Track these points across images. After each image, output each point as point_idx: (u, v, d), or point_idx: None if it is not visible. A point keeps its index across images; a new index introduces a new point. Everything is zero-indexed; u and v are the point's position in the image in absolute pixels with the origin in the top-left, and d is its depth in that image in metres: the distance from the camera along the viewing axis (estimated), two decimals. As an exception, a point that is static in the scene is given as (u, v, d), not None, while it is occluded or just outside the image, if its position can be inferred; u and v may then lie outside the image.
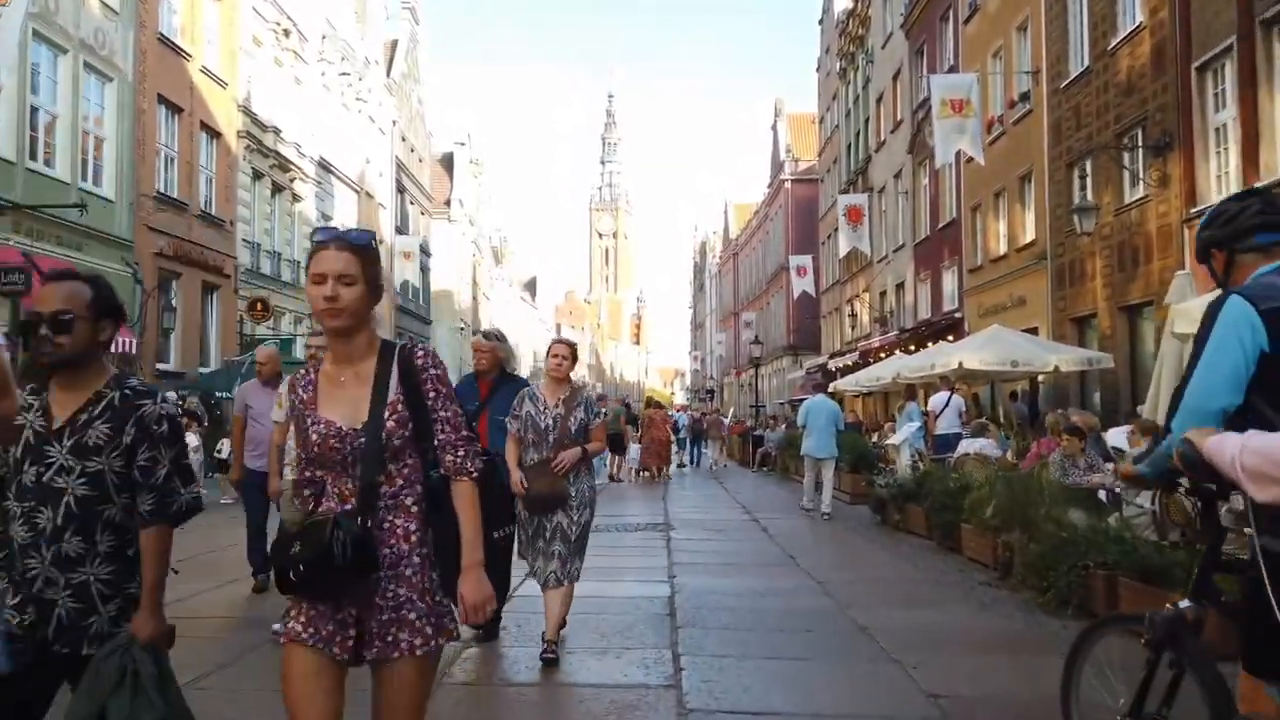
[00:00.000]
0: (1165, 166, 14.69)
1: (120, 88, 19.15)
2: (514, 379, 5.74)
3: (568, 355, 5.21)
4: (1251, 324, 2.33)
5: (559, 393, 5.17)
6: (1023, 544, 7.06)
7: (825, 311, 42.34)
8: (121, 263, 19.06)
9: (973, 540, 8.43)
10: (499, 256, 72.31)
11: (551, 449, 5.02)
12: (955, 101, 19.08)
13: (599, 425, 5.29)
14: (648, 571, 8.17)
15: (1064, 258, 18.33)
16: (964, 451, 10.48)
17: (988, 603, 6.77)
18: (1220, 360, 2.35)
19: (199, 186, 22.37)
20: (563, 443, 5.04)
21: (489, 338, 5.81)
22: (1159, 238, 14.95)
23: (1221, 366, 2.34)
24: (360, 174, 33.66)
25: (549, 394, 5.18)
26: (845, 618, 6.21)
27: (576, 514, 5.10)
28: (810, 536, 11.10)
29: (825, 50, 43.18)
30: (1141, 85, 15.45)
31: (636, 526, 11.70)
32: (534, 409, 5.11)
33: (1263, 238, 2.53)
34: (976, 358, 14.50)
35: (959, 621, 6.22)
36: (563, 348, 5.26)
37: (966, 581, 7.65)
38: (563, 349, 5.25)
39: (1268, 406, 2.33)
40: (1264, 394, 2.33)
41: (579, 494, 5.14)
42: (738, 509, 14.51)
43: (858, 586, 7.45)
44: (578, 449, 5.05)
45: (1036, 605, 6.42)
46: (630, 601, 6.69)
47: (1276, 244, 2.53)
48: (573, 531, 5.08)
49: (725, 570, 8.35)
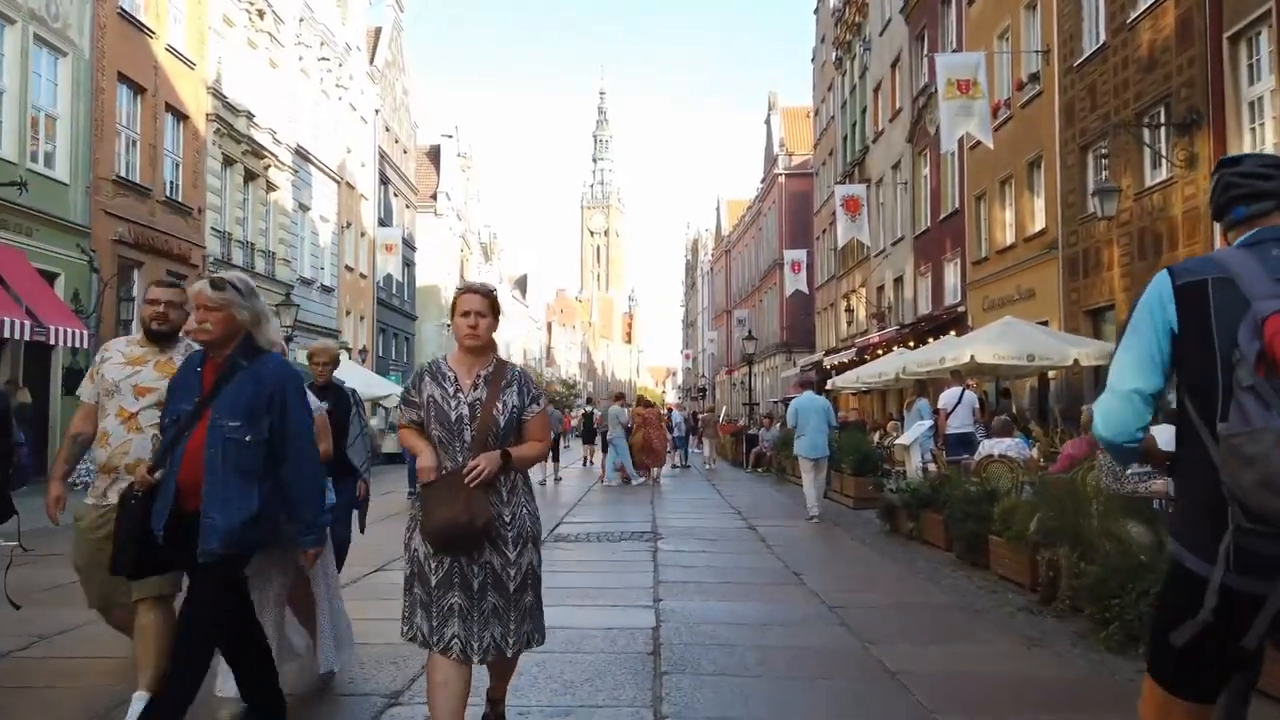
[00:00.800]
0: (1192, 145, 13.67)
1: (76, 64, 17.97)
2: (264, 359, 3.57)
3: (484, 310, 3.44)
4: (1161, 301, 2.17)
5: (477, 367, 3.45)
6: (1071, 563, 5.97)
7: (820, 308, 41.46)
8: (76, 249, 17.93)
9: (1005, 555, 7.33)
10: (488, 253, 71.13)
11: (468, 452, 3.33)
12: (962, 82, 18.06)
13: (537, 418, 3.50)
14: (629, 594, 7.01)
15: (1077, 247, 17.29)
16: (987, 453, 9.38)
17: (1035, 636, 5.65)
18: (1130, 341, 2.23)
19: (164, 171, 21.18)
20: (484, 442, 3.34)
21: (218, 287, 3.52)
22: (1185, 222, 13.91)
23: (1130, 347, 2.22)
24: (341, 163, 32.49)
25: (462, 369, 3.46)
26: (869, 659, 5.08)
27: (513, 550, 3.37)
28: (814, 548, 9.99)
29: (820, 40, 42.30)
30: (1165, 60, 14.41)
31: (620, 535, 10.56)
32: (440, 392, 3.41)
33: (1239, 211, 2.27)
34: (990, 351, 13.45)
35: (1007, 663, 5.10)
36: (475, 299, 3.46)
37: (1002, 606, 6.55)
38: (475, 300, 3.45)
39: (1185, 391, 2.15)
40: (1181, 376, 2.17)
41: (516, 520, 3.40)
42: (732, 514, 13.40)
43: (877, 614, 6.33)
44: (496, 454, 3.32)
45: (1097, 640, 5.32)
46: (606, 636, 5.54)
47: (1254, 216, 2.25)
48: (511, 578, 3.36)
49: (721, 592, 7.20)
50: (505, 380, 3.45)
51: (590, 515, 13.24)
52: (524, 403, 3.46)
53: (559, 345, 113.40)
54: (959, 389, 12.57)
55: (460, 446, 3.35)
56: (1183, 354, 2.14)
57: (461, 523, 3.22)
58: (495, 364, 3.49)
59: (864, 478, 13.38)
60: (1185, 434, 2.16)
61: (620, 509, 14.32)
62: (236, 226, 24.65)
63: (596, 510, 14.16)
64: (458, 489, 3.25)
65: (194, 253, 22.00)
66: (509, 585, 3.35)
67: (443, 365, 3.52)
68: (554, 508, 14.33)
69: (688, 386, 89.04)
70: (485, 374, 3.45)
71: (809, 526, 11.74)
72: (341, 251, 32.70)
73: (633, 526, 11.48)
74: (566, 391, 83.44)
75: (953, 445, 12.17)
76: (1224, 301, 2.05)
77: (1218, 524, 1.99)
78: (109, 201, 18.90)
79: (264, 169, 25.99)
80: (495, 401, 3.39)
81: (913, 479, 10.73)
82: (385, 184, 39.26)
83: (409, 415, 3.50)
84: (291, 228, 28.20)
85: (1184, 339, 2.13)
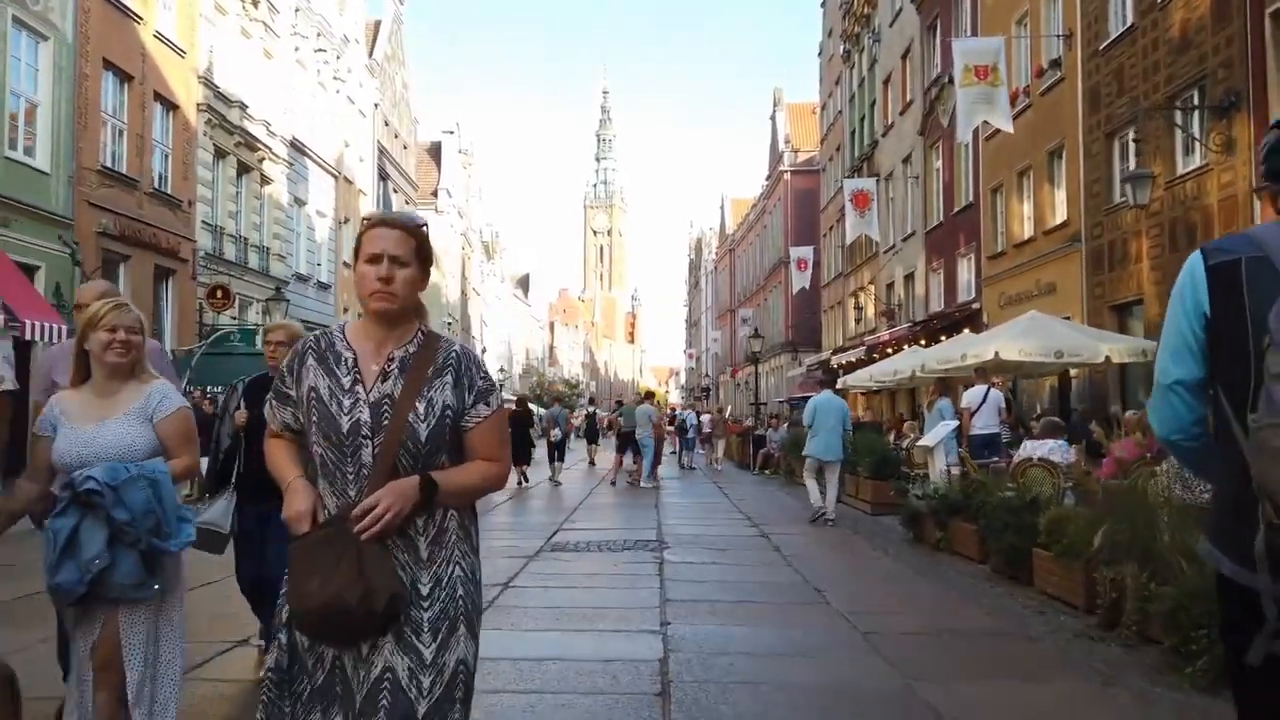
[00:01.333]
0: (1230, 129, 12.90)
1: (58, 48, 17.24)
2: None
3: (404, 253, 2.22)
4: (1193, 283, 1.98)
5: (390, 346, 2.24)
6: (1140, 584, 5.20)
7: (827, 306, 40.77)
8: (58, 241, 17.21)
9: (1053, 572, 6.55)
10: (490, 251, 70.47)
11: (366, 482, 2.12)
12: (980, 68, 17.32)
13: (488, 424, 2.24)
14: (633, 616, 6.23)
15: (1102, 239, 16.52)
16: (1027, 455, 8.60)
17: (1105, 671, 4.87)
18: (1166, 329, 2.04)
19: (152, 162, 20.46)
20: (393, 466, 2.13)
21: None
22: (1222, 211, 13.14)
23: (1168, 335, 2.04)
24: (338, 157, 31.79)
25: (366, 348, 2.25)
26: (918, 704, 4.29)
27: (431, 643, 2.10)
28: (834, 559, 9.22)
29: (828, 34, 41.62)
30: (1200, 40, 13.64)
31: (622, 545, 9.78)
32: (329, 383, 2.20)
33: None
34: (1014, 347, 12.66)
35: (1084, 708, 4.31)
36: (389, 235, 2.21)
37: (1056, 632, 5.77)
38: (390, 238, 2.21)
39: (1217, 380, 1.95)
40: (1213, 364, 1.96)
41: (440, 591, 2.15)
42: (742, 520, 12.65)
43: (916, 642, 5.56)
44: (410, 482, 2.10)
45: (1180, 678, 4.55)
46: (606, 671, 4.77)
47: None
48: (424, 691, 2.07)
49: (736, 613, 6.41)
50: (435, 366, 2.19)
51: (591, 521, 12.50)
52: (464, 401, 2.20)
53: (561, 345, 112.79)
54: (984, 387, 11.82)
55: (355, 473, 2.11)
56: (1215, 339, 1.97)
57: (348, 603, 2.01)
58: (421, 341, 2.23)
59: (883, 482, 12.60)
60: (1217, 427, 2.00)
61: (623, 514, 13.58)
62: (229, 220, 23.95)
63: (598, 515, 13.42)
64: (344, 546, 2.05)
65: (184, 246, 21.30)
66: (418, 703, 2.04)
67: (337, 340, 2.25)
68: (553, 513, 13.61)
69: (691, 386, 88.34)
70: (403, 356, 2.20)
71: (824, 534, 11.00)
72: (339, 247, 32.00)
73: (636, 534, 10.72)
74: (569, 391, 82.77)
75: (977, 447, 11.41)
76: (1258, 281, 1.86)
77: (1249, 523, 1.81)
78: (93, 192, 18.21)
79: (258, 162, 25.28)
80: (414, 399, 2.14)
81: (937, 483, 9.95)
82: (384, 179, 38.59)
83: (280, 418, 2.27)
84: (286, 222, 27.50)
85: (1215, 323, 1.96)
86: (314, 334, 2.32)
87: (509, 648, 5.16)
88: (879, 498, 12.53)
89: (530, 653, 5.13)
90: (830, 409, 12.04)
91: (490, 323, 67.42)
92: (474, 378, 2.24)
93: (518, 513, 14.03)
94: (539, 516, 13.29)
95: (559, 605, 6.41)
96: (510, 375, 69.21)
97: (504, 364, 68.96)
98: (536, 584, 7.24)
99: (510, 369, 71.08)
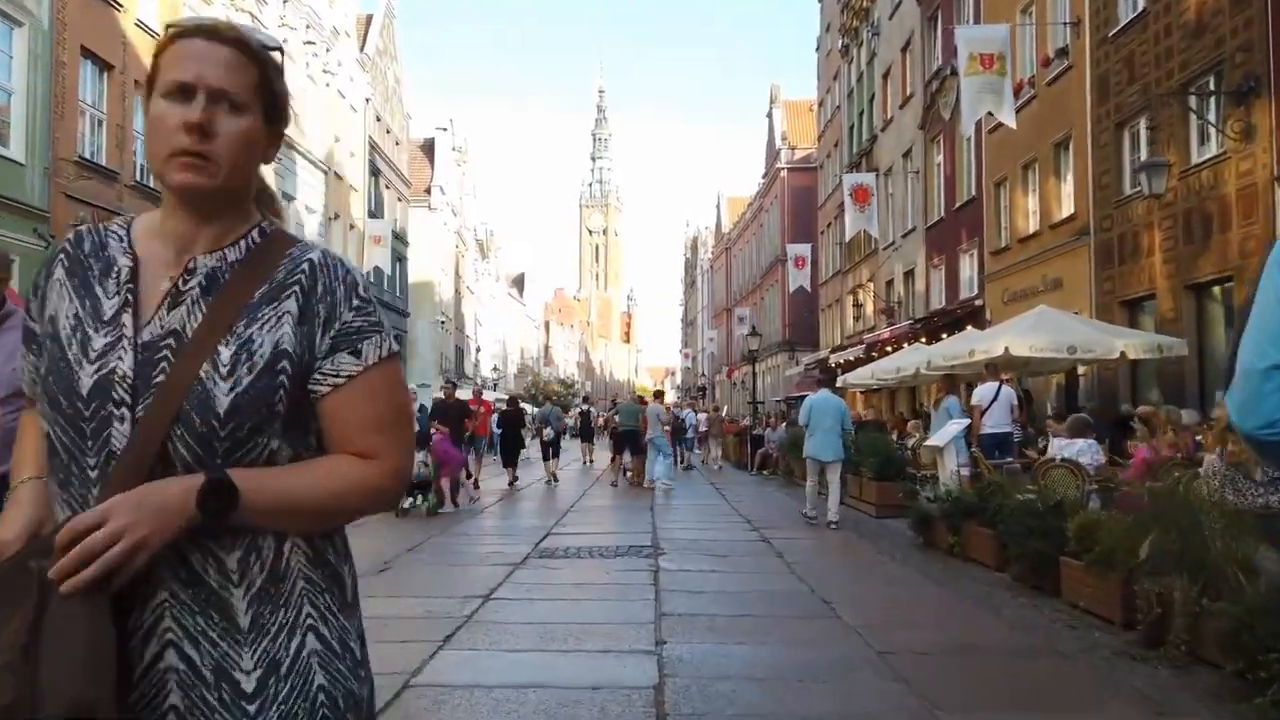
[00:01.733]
0: (1249, 116, 12.38)
1: (33, 35, 16.67)
2: None
3: (231, 85, 1.27)
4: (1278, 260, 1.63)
5: (201, 244, 1.32)
6: (1190, 598, 4.66)
7: (825, 304, 40.27)
8: (33, 234, 16.62)
9: (1085, 582, 6.00)
10: (485, 250, 69.86)
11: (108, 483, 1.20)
12: (985, 56, 16.78)
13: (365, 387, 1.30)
14: (625, 633, 5.66)
15: (1111, 232, 16.00)
16: (1053, 455, 8.05)
17: (1157, 697, 4.34)
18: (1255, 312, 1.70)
19: (134, 154, 19.88)
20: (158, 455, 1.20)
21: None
22: (1240, 201, 12.62)
23: (1258, 318, 1.70)
24: (328, 152, 31.20)
25: (161, 247, 1.32)
26: (950, 739, 3.77)
27: None
28: (840, 566, 8.67)
29: (825, 28, 41.12)
30: (1216, 23, 13.13)
31: (615, 550, 9.22)
32: (74, 306, 1.29)
33: None
34: (1025, 342, 12.13)
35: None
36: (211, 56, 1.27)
37: (1091, 650, 5.23)
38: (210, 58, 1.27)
39: None
40: None
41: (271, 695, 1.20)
42: (741, 523, 12.10)
43: (939, 663, 5.02)
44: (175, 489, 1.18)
45: (1250, 707, 3.99)
46: (594, 701, 4.21)
47: None
48: None
49: (738, 630, 5.84)
50: (269, 286, 1.29)
51: (584, 524, 11.93)
52: (314, 345, 1.29)
53: (557, 345, 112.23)
54: (994, 384, 11.29)
55: (99, 467, 1.22)
56: None
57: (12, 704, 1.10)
58: (253, 244, 1.34)
59: (888, 483, 12.06)
60: None
61: (617, 517, 13.03)
62: (213, 215, 23.37)
63: (591, 518, 12.86)
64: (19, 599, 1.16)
65: (165, 241, 20.73)
66: None
67: (112, 240, 1.34)
68: (544, 515, 13.05)
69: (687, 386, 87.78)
70: (215, 266, 1.31)
71: (828, 538, 10.46)
72: (329, 244, 31.39)
73: (630, 539, 10.15)
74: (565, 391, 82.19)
75: (987, 447, 10.89)
76: None
77: None
78: (70, 184, 17.64)
79: (243, 155, 24.69)
80: (217, 340, 1.24)
81: (949, 485, 9.41)
82: (376, 175, 38.00)
83: (30, 376, 1.36)
84: (274, 218, 26.91)
85: None
86: (79, 228, 1.38)
87: (486, 672, 4.61)
88: (884, 500, 11.99)
89: (509, 678, 4.58)
90: (827, 408, 11.60)
91: (485, 322, 66.87)
92: (336, 307, 1.29)
93: (506, 515, 13.48)
94: (529, 519, 12.73)
95: (545, 620, 5.86)
96: (505, 375, 68.67)
97: (499, 363, 68.43)
98: (521, 595, 6.69)
99: (505, 368, 70.58)
